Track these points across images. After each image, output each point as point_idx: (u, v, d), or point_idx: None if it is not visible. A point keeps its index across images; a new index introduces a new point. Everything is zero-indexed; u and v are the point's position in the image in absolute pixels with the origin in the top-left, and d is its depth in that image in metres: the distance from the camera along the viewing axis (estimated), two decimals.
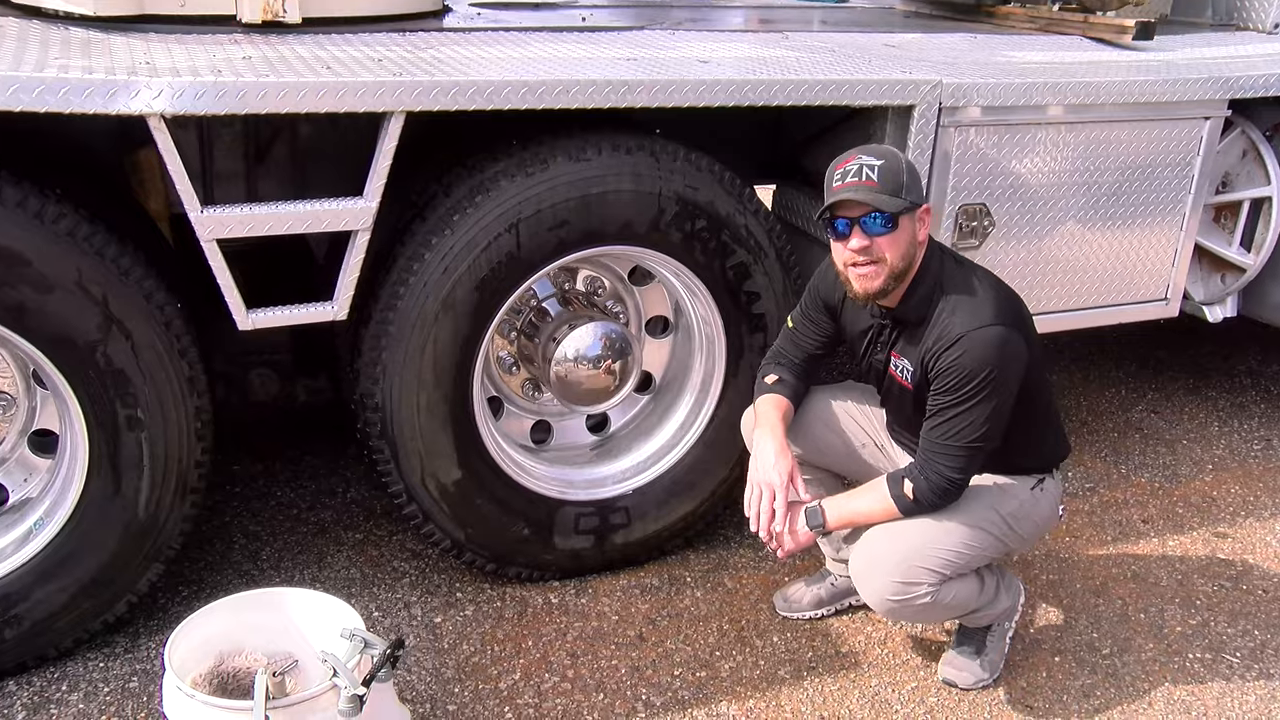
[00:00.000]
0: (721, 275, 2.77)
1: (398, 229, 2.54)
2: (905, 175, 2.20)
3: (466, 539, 2.75)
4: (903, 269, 2.25)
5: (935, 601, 2.34)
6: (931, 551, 2.30)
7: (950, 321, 2.23)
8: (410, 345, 2.51)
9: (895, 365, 2.38)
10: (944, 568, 2.32)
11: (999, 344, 2.20)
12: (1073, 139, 3.02)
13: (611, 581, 2.95)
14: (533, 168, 2.49)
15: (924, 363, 2.28)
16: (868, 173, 2.19)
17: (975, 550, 2.35)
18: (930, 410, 2.28)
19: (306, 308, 2.37)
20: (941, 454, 2.26)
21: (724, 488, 2.98)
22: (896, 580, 2.30)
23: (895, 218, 2.19)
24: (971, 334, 2.19)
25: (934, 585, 2.32)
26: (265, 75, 2.17)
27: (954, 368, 2.21)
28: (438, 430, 2.61)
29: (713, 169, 2.67)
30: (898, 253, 2.23)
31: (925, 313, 2.28)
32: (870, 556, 2.35)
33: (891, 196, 2.18)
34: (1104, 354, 4.69)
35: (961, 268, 2.34)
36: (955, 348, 2.20)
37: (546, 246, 2.56)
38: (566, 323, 2.75)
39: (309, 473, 3.43)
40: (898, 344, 2.37)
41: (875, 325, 2.40)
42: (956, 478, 2.27)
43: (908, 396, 2.38)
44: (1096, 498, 3.50)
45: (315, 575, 2.91)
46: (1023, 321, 2.31)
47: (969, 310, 2.23)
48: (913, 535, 2.31)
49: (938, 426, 2.25)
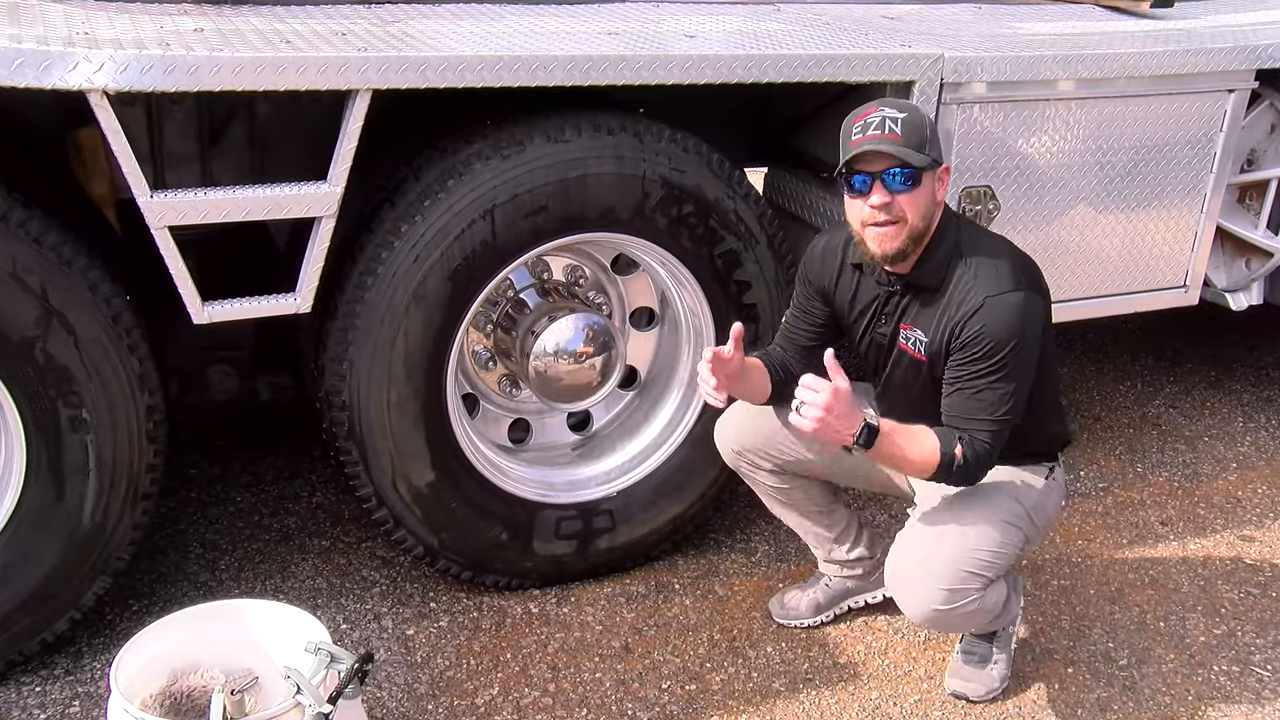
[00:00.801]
0: (710, 263, 2.79)
1: (365, 215, 2.55)
2: (928, 130, 2.22)
3: (441, 545, 2.77)
4: (922, 230, 2.26)
5: (980, 606, 2.38)
6: (975, 554, 2.34)
7: (974, 286, 2.25)
8: (379, 339, 2.52)
9: (905, 337, 2.39)
10: (988, 569, 2.36)
11: (1024, 308, 2.24)
12: (1084, 116, 3.03)
13: (595, 589, 2.97)
14: (508, 150, 2.51)
15: (944, 331, 2.30)
16: (890, 125, 2.19)
17: (1011, 548, 2.40)
18: (955, 382, 2.29)
19: (267, 299, 2.37)
20: (971, 429, 2.27)
21: (714, 489, 3.00)
22: (946, 587, 2.33)
23: (918, 174, 2.20)
24: (995, 299, 2.23)
25: (981, 589, 2.36)
26: (219, 49, 2.16)
27: (981, 335, 2.23)
28: (409, 429, 2.62)
29: (700, 151, 2.69)
30: (918, 212, 2.24)
31: (942, 278, 2.30)
32: (912, 564, 2.37)
33: (915, 151, 2.19)
34: (1119, 345, 4.72)
35: (977, 231, 2.38)
36: (980, 314, 2.23)
37: (524, 233, 2.57)
38: (546, 315, 2.76)
39: (271, 476, 3.44)
40: (907, 314, 2.38)
41: (882, 295, 2.41)
42: (988, 454, 2.28)
43: (920, 370, 2.39)
44: (1111, 498, 3.53)
45: (278, 586, 2.92)
46: (1040, 280, 2.36)
47: (992, 274, 2.25)
48: (953, 538, 2.35)
49: (969, 398, 2.27)
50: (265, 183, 2.32)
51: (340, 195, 2.33)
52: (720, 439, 2.68)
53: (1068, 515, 3.41)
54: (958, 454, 2.26)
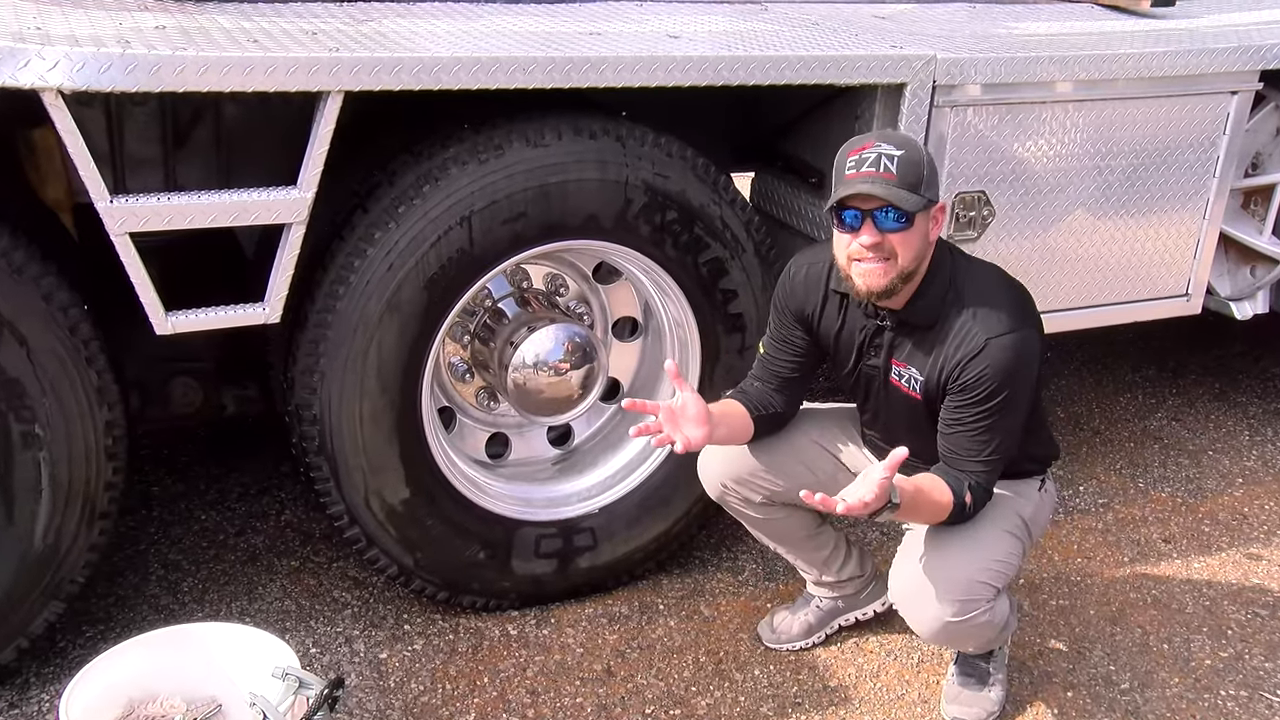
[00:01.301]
0: (695, 272, 2.82)
1: (336, 222, 2.56)
2: (925, 169, 2.24)
3: (415, 565, 2.79)
4: (912, 270, 2.29)
5: (991, 619, 2.42)
6: (984, 564, 2.39)
7: (972, 328, 2.29)
8: (351, 350, 2.54)
9: (899, 374, 2.41)
10: (997, 579, 2.41)
11: (1024, 349, 2.29)
12: (1082, 119, 3.06)
13: (576, 610, 2.98)
14: (486, 154, 2.53)
15: (941, 372, 2.33)
16: (886, 163, 2.21)
17: (1016, 559, 2.46)
18: (954, 423, 2.33)
19: (234, 309, 2.38)
20: (972, 469, 2.33)
21: (700, 505, 3.02)
22: (958, 599, 2.37)
23: (912, 216, 2.22)
24: (996, 340, 2.27)
25: (991, 600, 2.40)
26: (182, 48, 2.16)
27: (983, 378, 2.27)
28: (383, 444, 2.64)
29: (685, 155, 2.72)
30: (910, 253, 2.26)
31: (936, 316, 2.33)
32: (921, 577, 2.40)
33: (909, 192, 2.21)
34: (1119, 356, 4.76)
35: (971, 265, 2.41)
36: (981, 357, 2.27)
37: (502, 241, 2.59)
38: (525, 325, 2.78)
39: (238, 493, 3.45)
40: (899, 350, 2.40)
41: (871, 328, 2.43)
42: (989, 488, 2.37)
43: (916, 409, 2.42)
44: (1112, 514, 3.56)
45: (244, 609, 2.92)
46: (1037, 318, 2.40)
47: (991, 314, 2.29)
48: (960, 551, 2.38)
49: (970, 439, 2.32)
50: (232, 188, 2.33)
51: (311, 201, 2.34)
52: (705, 472, 2.69)
53: (1066, 532, 3.44)
54: (967, 500, 2.33)
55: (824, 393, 2.93)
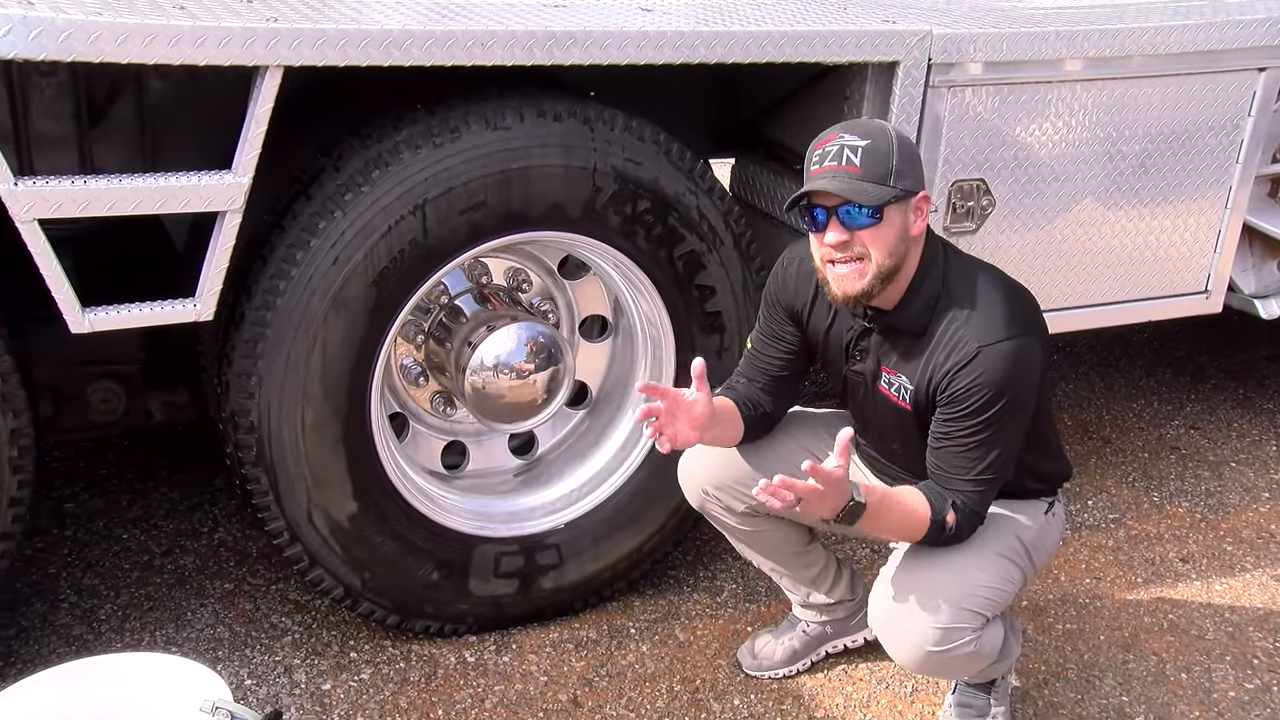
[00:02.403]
0: (669, 266, 2.87)
1: (276, 210, 2.60)
2: (895, 158, 2.27)
3: (363, 586, 2.82)
4: (891, 268, 2.31)
5: (977, 649, 2.44)
6: (972, 590, 2.41)
7: (964, 334, 2.31)
8: (293, 352, 2.57)
9: (888, 383, 2.45)
10: (985, 608, 2.43)
11: (1021, 358, 2.30)
12: (1092, 100, 3.10)
13: (539, 635, 3.02)
14: (442, 137, 2.56)
15: (931, 381, 2.36)
16: (849, 155, 2.25)
17: (1010, 586, 2.48)
18: (942, 437, 2.37)
19: (161, 306, 2.39)
20: (960, 488, 2.36)
21: (675, 520, 3.07)
22: (940, 626, 2.39)
23: (880, 209, 2.26)
24: (990, 349, 2.28)
25: (978, 629, 2.42)
26: (97, 13, 2.15)
27: (974, 389, 2.29)
28: (327, 454, 2.67)
29: (658, 140, 2.76)
30: (884, 249, 2.29)
31: (927, 321, 2.35)
32: (901, 601, 2.43)
33: (876, 185, 2.24)
34: (1131, 358, 4.82)
35: (967, 265, 2.43)
36: (973, 366, 2.29)
37: (459, 232, 2.63)
38: (484, 324, 2.82)
39: (164, 509, 3.46)
40: (888, 357, 2.44)
41: (859, 331, 2.48)
42: (979, 511, 2.39)
43: (906, 420, 2.46)
44: (1124, 531, 3.62)
45: (171, 637, 2.94)
46: (1038, 321, 2.43)
47: (985, 318, 2.31)
48: (945, 574, 2.41)
49: (958, 455, 2.35)
50: (159, 171, 2.34)
51: (247, 187, 2.35)
52: (686, 478, 2.73)
53: (1074, 550, 3.49)
54: (949, 520, 2.36)
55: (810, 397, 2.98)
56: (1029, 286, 2.51)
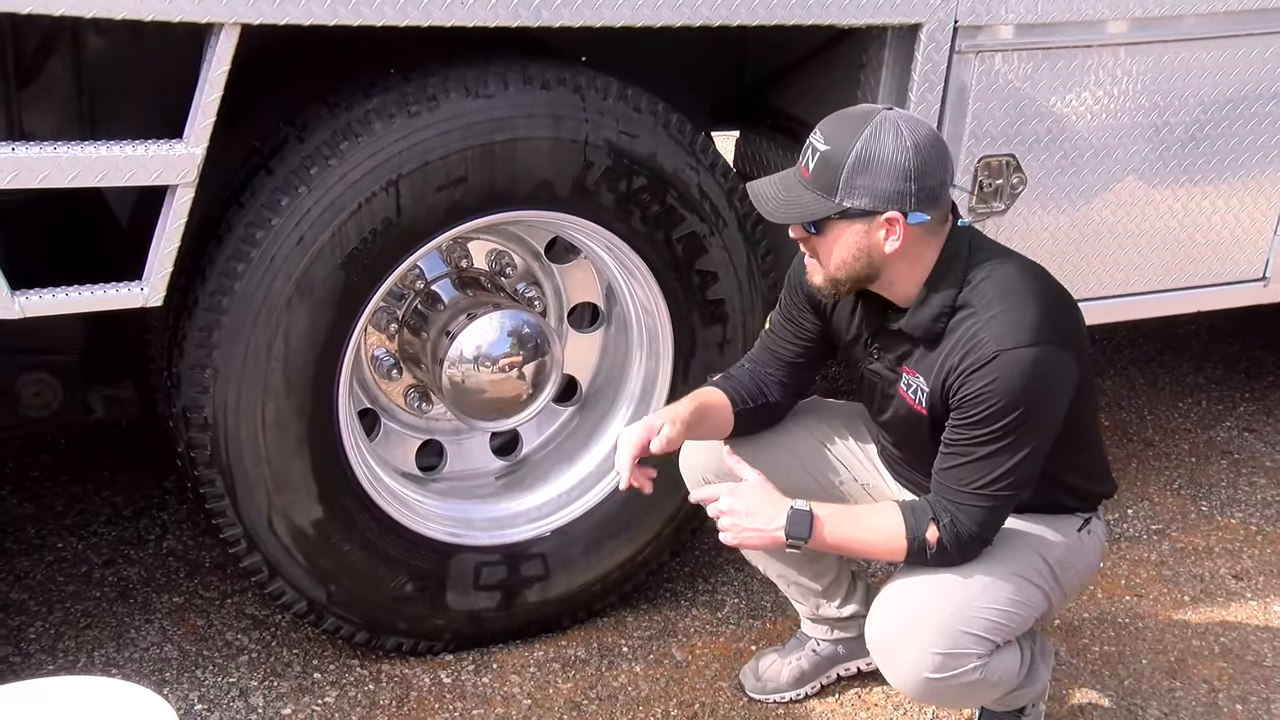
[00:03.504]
0: (667, 249, 2.89)
1: (234, 185, 2.61)
2: (847, 172, 2.26)
3: (329, 599, 2.84)
4: (846, 280, 2.37)
5: (984, 678, 2.44)
6: (978, 612, 2.42)
7: (983, 334, 2.31)
8: (252, 341, 2.59)
9: (906, 384, 2.47)
10: (994, 632, 2.43)
11: (1044, 367, 2.30)
12: (1136, 65, 3.11)
13: (523, 653, 3.05)
14: (418, 106, 2.58)
15: (945, 383, 2.37)
16: (808, 154, 2.32)
17: (1025, 609, 2.48)
18: (949, 445, 2.38)
19: (104, 289, 2.39)
20: (961, 502, 2.37)
21: (671, 528, 3.10)
22: (939, 651, 2.40)
23: (817, 223, 2.32)
24: (1010, 353, 2.28)
25: (984, 656, 2.43)
26: None
27: (985, 395, 2.30)
28: (290, 454, 2.70)
29: (656, 110, 2.78)
30: (829, 262, 2.35)
31: (940, 329, 2.37)
32: (899, 622, 2.45)
33: (818, 196, 2.29)
34: (1178, 353, 4.84)
35: (998, 260, 2.41)
36: (987, 370, 2.29)
37: (437, 211, 2.65)
38: (464, 312, 2.85)
39: (106, 515, 3.47)
40: (910, 356, 2.45)
41: (875, 326, 2.50)
42: (977, 533, 2.39)
43: (921, 425, 2.48)
44: (1168, 543, 3.64)
45: (111, 657, 2.95)
46: (1075, 332, 2.43)
47: (1009, 319, 2.31)
48: (951, 592, 2.42)
49: (958, 468, 2.36)
50: (99, 139, 2.33)
51: (201, 158, 2.36)
52: (687, 468, 2.76)
53: (1113, 564, 3.50)
54: (930, 538, 2.38)
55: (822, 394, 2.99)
56: (1063, 273, 2.52)
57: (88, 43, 2.72)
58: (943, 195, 2.33)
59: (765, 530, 2.42)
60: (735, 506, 2.44)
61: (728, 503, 2.45)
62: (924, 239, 2.34)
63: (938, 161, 2.30)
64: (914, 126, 2.29)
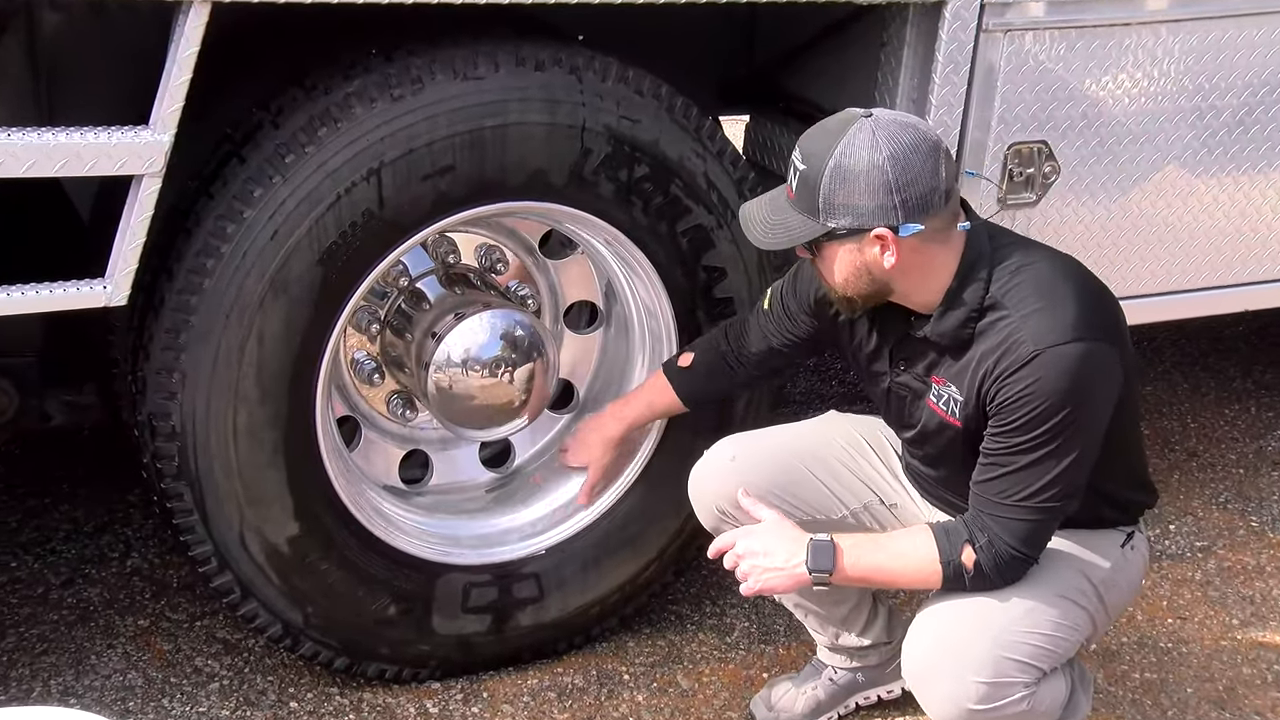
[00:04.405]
0: (671, 244, 2.90)
1: (203, 175, 2.62)
2: (825, 192, 2.27)
3: (305, 622, 2.85)
4: (854, 295, 2.40)
5: (1032, 708, 2.44)
6: (1022, 637, 2.42)
7: (1020, 334, 2.32)
8: (223, 344, 2.59)
9: (936, 394, 2.47)
10: (1040, 659, 2.44)
11: (1089, 364, 2.31)
12: (1179, 44, 3.12)
13: (516, 682, 3.06)
14: (401, 89, 2.59)
15: (980, 389, 2.37)
16: (791, 174, 2.35)
17: (1072, 633, 2.49)
18: (987, 455, 2.39)
19: (63, 287, 2.40)
20: (1003, 518, 2.37)
21: (676, 545, 3.12)
22: (982, 680, 2.40)
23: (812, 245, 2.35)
24: (1050, 351, 2.29)
25: (1031, 684, 2.43)
26: None
27: (1025, 398, 2.30)
28: (264, 465, 2.70)
29: (659, 93, 2.79)
30: (833, 279, 2.39)
31: (968, 335, 2.38)
32: (938, 649, 2.45)
33: (804, 218, 2.32)
34: (1224, 355, 4.84)
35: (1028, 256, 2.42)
36: (1027, 370, 2.29)
37: (422, 202, 2.66)
38: (451, 311, 2.86)
39: (65, 532, 3.48)
40: (940, 365, 2.46)
41: (900, 334, 2.50)
42: (1022, 552, 2.39)
43: (955, 439, 2.48)
44: (1214, 562, 3.64)
45: (70, 686, 2.95)
46: (1117, 326, 2.44)
47: (1047, 318, 2.32)
48: (993, 616, 2.42)
49: (998, 479, 2.37)
50: (58, 125, 2.33)
51: (168, 146, 2.36)
52: (698, 492, 2.77)
53: (1154, 584, 3.51)
54: (966, 561, 2.38)
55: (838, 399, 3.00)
56: (1099, 269, 2.52)
57: (44, 21, 2.72)
58: (935, 201, 2.30)
59: (786, 569, 2.45)
60: (753, 547, 2.48)
61: (745, 545, 2.49)
62: (928, 248, 2.34)
63: (924, 168, 2.28)
64: (894, 132, 2.28)
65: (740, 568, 2.49)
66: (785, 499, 2.68)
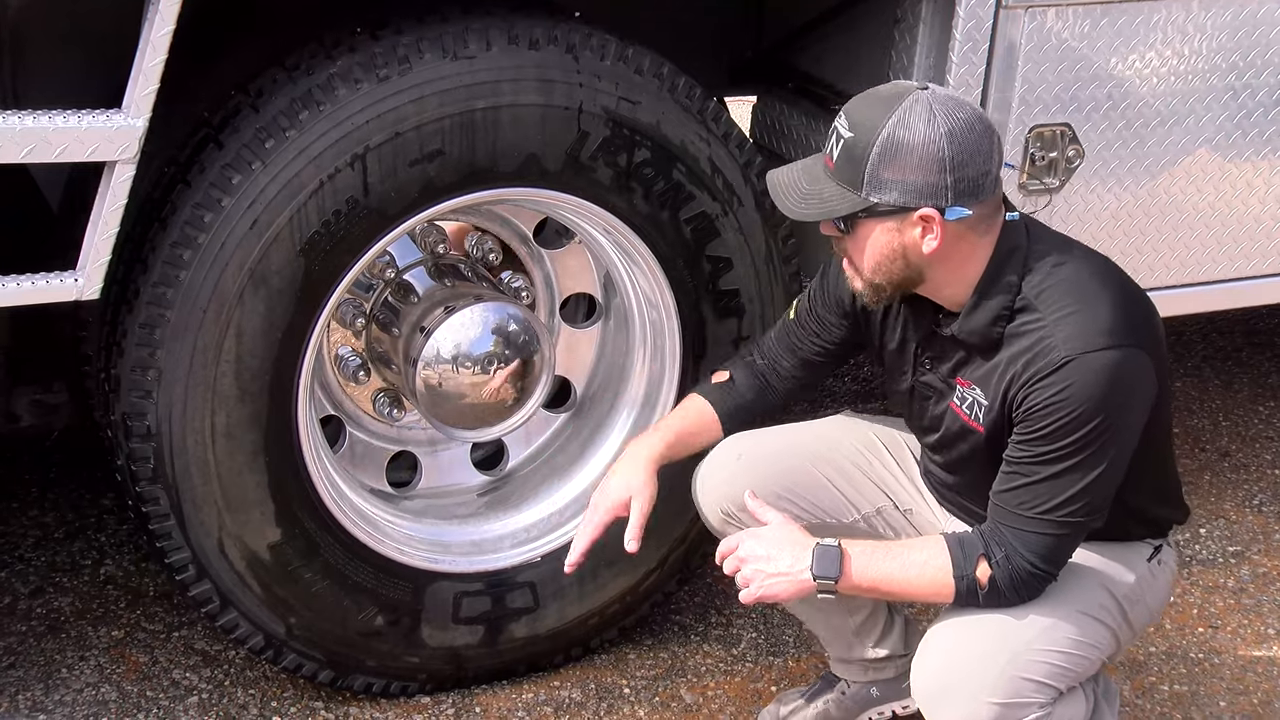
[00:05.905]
0: (674, 232, 2.90)
1: (180, 162, 2.63)
2: (872, 163, 2.26)
3: (288, 634, 2.85)
4: (884, 283, 2.37)
5: None
6: (1039, 656, 2.41)
7: (1051, 339, 2.31)
8: (200, 340, 2.60)
9: (960, 397, 2.47)
10: (1057, 678, 2.43)
11: (1122, 373, 2.30)
12: (1212, 20, 3.11)
13: (510, 696, 3.06)
14: (387, 69, 2.59)
15: (1007, 395, 2.37)
16: (833, 144, 2.32)
17: (1092, 651, 2.48)
18: (1010, 464, 2.38)
19: (32, 280, 2.40)
20: (1023, 531, 2.36)
21: (679, 552, 3.12)
22: (996, 700, 2.39)
23: (847, 220, 2.33)
24: (1082, 358, 2.28)
25: (1047, 705, 2.42)
26: None
27: (1054, 406, 2.30)
28: (243, 468, 2.70)
29: (661, 73, 2.79)
30: (864, 263, 2.36)
31: (999, 335, 2.38)
32: (949, 667, 2.45)
33: (842, 189, 2.30)
34: (1258, 350, 4.84)
35: (1061, 255, 2.41)
36: (1057, 377, 2.29)
37: (409, 189, 2.66)
38: (441, 305, 2.86)
39: (35, 538, 3.48)
40: (966, 366, 2.46)
41: (925, 333, 2.51)
42: (1040, 569, 2.38)
43: (978, 445, 2.48)
44: (1248, 568, 3.64)
45: (39, 701, 2.96)
46: (1153, 335, 2.42)
47: (1080, 322, 2.31)
48: (1008, 633, 2.41)
49: (1021, 489, 2.36)
50: (25, 109, 2.34)
51: (142, 132, 2.36)
52: (704, 493, 2.76)
53: (1184, 592, 3.51)
54: (981, 577, 2.37)
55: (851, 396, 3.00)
56: (1126, 259, 2.54)
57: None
58: (986, 186, 2.30)
59: (790, 574, 2.43)
60: (756, 551, 2.46)
61: (748, 547, 2.47)
62: (969, 236, 2.33)
63: (979, 148, 2.28)
64: (952, 108, 2.27)
65: (741, 573, 2.47)
66: (794, 501, 2.68)
